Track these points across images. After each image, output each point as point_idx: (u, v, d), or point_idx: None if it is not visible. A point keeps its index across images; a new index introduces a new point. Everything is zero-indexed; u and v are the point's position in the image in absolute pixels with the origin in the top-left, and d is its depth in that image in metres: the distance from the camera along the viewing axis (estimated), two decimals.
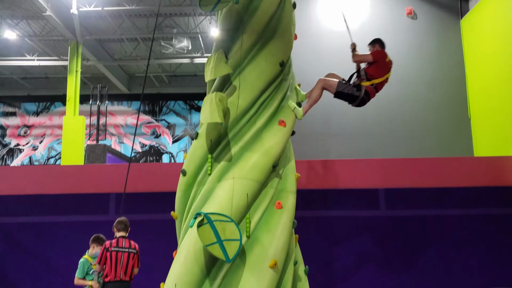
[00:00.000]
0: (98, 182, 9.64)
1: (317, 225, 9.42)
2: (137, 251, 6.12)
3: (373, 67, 6.19)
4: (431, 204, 9.60)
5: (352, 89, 6.10)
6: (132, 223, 9.23)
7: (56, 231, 9.29)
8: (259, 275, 4.95)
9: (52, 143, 23.15)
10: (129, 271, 5.93)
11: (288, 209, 5.43)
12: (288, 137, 5.62)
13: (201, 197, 5.37)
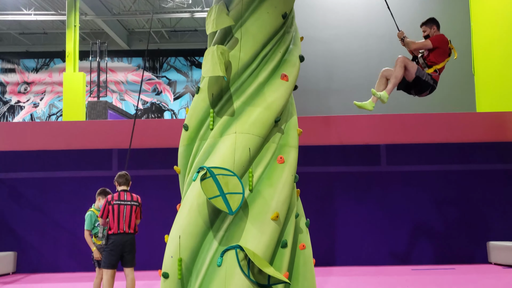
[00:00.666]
0: (100, 138, 9.67)
1: (319, 180, 9.52)
2: (139, 203, 6.19)
3: (433, 53, 5.73)
4: (433, 160, 9.65)
5: (428, 76, 5.67)
6: (136, 179, 9.36)
7: (60, 187, 9.42)
8: (261, 227, 5.04)
9: (52, 100, 23.06)
10: (132, 224, 6.00)
11: (290, 164, 5.45)
12: (291, 92, 5.56)
13: (204, 152, 5.38)
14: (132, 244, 5.98)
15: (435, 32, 5.88)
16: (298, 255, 5.38)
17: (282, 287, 5.03)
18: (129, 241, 5.94)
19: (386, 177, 9.53)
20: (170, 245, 5.26)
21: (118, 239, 5.81)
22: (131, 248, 5.95)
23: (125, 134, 9.60)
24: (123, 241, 5.87)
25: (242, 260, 4.84)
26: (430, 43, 5.72)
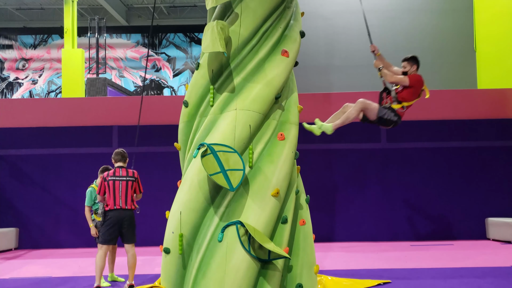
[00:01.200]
0: (100, 115, 9.64)
1: (319, 158, 9.54)
2: (136, 178, 6.08)
3: (407, 91, 5.76)
4: (433, 137, 9.65)
5: (390, 114, 5.75)
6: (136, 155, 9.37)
7: (60, 164, 9.44)
8: (262, 203, 5.07)
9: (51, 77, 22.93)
10: (129, 200, 5.85)
11: (290, 141, 5.45)
12: (291, 68, 5.52)
13: (204, 128, 5.38)
14: (130, 220, 5.81)
15: (414, 71, 5.93)
16: (298, 231, 5.43)
17: (282, 262, 5.10)
18: (127, 217, 5.78)
19: (386, 154, 9.54)
20: (171, 221, 5.30)
21: (115, 215, 5.72)
22: (129, 224, 5.77)
23: (125, 111, 9.58)
24: (120, 217, 5.76)
25: (243, 236, 4.89)
26: (408, 81, 5.75)
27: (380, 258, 7.67)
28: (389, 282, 5.94)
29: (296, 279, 5.22)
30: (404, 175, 9.49)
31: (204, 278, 4.87)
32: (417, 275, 6.30)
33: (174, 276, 5.19)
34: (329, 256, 7.90)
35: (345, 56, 13.55)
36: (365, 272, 6.59)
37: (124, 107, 9.65)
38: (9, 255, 8.57)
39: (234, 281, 4.78)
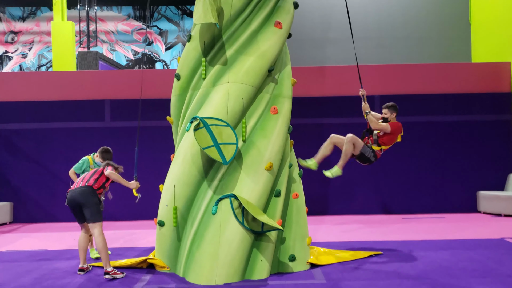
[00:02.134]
0: (93, 89, 9.54)
1: (313, 132, 9.54)
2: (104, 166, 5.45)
3: (387, 137, 6.29)
4: (426, 110, 9.66)
5: (371, 154, 6.32)
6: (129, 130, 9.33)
7: (54, 138, 9.39)
8: (255, 177, 5.09)
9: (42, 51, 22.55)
10: (85, 180, 5.26)
11: (283, 114, 5.44)
12: (285, 40, 5.46)
13: (196, 102, 5.35)
14: (81, 197, 5.16)
15: (393, 118, 6.41)
16: (291, 204, 5.48)
17: (276, 234, 5.16)
18: (78, 196, 5.16)
19: None
20: (165, 195, 5.33)
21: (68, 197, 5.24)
22: (83, 202, 5.14)
23: (117, 85, 9.49)
24: (71, 197, 5.21)
25: (237, 209, 4.93)
26: (390, 129, 6.23)
27: (372, 230, 7.77)
28: (380, 253, 6.04)
29: (289, 250, 5.30)
30: (397, 148, 9.51)
31: (198, 250, 4.93)
32: (408, 247, 6.39)
33: (168, 248, 5.25)
34: (322, 229, 8.00)
35: (341, 28, 13.40)
36: (357, 244, 6.69)
37: (116, 81, 9.55)
38: (4, 229, 8.60)
39: (228, 253, 4.84)
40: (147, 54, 22.71)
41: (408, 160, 9.57)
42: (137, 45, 22.75)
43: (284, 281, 4.88)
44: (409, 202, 9.58)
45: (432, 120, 9.68)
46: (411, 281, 4.76)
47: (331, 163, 6.45)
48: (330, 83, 9.70)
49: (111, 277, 5.07)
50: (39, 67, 22.27)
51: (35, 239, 7.58)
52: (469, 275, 4.96)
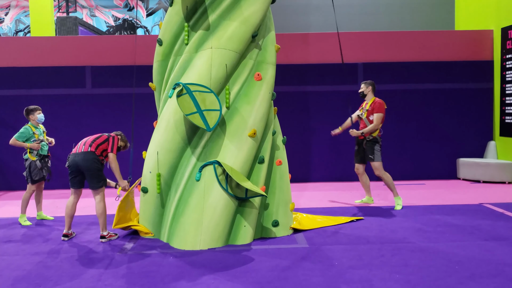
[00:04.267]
0: (73, 55, 9.32)
1: (296, 99, 9.53)
2: (109, 135, 5.45)
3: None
4: (408, 78, 9.70)
5: (380, 149, 7.06)
6: (111, 97, 9.19)
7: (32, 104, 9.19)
8: (239, 144, 5.10)
9: (19, 16, 21.87)
10: (87, 145, 5.24)
11: (267, 81, 5.41)
12: (268, 5, 5.37)
13: (179, 68, 5.27)
14: (84, 163, 5.18)
15: (370, 91, 7.18)
16: (274, 170, 5.52)
17: (259, 200, 5.21)
18: (80, 161, 5.18)
19: None
20: (148, 161, 5.31)
21: (69, 161, 5.25)
22: (86, 168, 5.17)
23: (98, 51, 9.27)
24: (73, 161, 5.23)
25: (220, 175, 4.95)
26: (381, 117, 6.94)
27: (353, 197, 7.90)
28: (362, 219, 6.16)
29: (272, 216, 5.37)
30: None
31: (182, 216, 4.97)
32: (389, 213, 6.53)
33: (152, 215, 5.28)
34: (304, 195, 8.11)
35: None
36: (339, 209, 6.81)
37: (97, 47, 9.33)
38: None
39: (212, 218, 4.89)
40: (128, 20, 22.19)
41: (389, 127, 9.66)
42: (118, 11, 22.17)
43: (268, 245, 4.96)
44: (389, 169, 9.69)
45: (414, 88, 9.74)
46: (391, 245, 4.89)
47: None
48: (313, 50, 9.64)
49: (107, 240, 5.22)
50: (17, 33, 21.61)
51: (16, 207, 7.52)
52: (447, 239, 5.11)
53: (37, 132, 6.32)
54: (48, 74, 9.20)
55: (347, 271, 4.11)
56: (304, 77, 9.57)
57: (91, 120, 9.13)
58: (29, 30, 21.53)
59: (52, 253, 4.85)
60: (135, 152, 7.82)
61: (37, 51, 9.29)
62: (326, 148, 9.60)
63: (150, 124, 6.14)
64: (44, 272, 4.24)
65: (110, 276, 4.07)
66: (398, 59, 9.70)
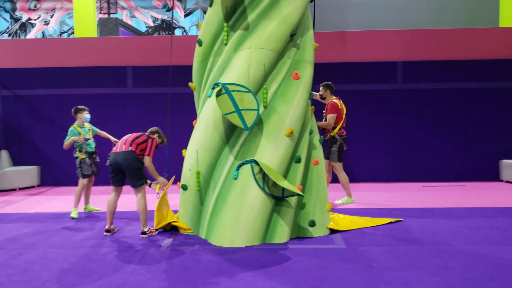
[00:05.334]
0: (115, 55, 9.59)
1: None
2: (148, 135, 5.57)
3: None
4: (450, 77, 9.47)
5: (337, 149, 7.20)
6: (151, 97, 9.40)
7: (77, 104, 9.52)
8: (276, 143, 5.13)
9: (63, 17, 22.64)
10: (127, 144, 5.38)
11: (305, 80, 5.41)
12: (307, 3, 5.37)
13: (218, 68, 5.35)
14: (125, 161, 5.32)
15: (328, 94, 7.48)
16: (311, 170, 5.52)
17: (296, 199, 5.23)
18: (122, 160, 5.32)
19: (402, 95, 9.42)
20: (188, 159, 5.42)
21: (110, 159, 5.40)
22: (126, 168, 5.33)
23: (138, 51, 9.51)
24: (114, 160, 5.38)
25: (257, 174, 5.00)
26: (334, 116, 7.18)
27: (391, 198, 7.79)
28: (400, 220, 6.07)
29: (309, 215, 5.37)
30: (420, 116, 9.42)
31: (220, 213, 5.04)
32: (428, 214, 6.41)
33: (191, 211, 5.38)
34: (341, 196, 8.05)
35: None
36: (376, 211, 6.73)
37: (137, 48, 9.57)
38: (33, 192, 8.90)
39: (249, 216, 4.94)
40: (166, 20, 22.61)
41: (429, 127, 9.47)
42: (156, 11, 22.62)
43: (304, 245, 4.97)
44: (429, 170, 9.53)
45: (455, 87, 9.51)
46: (431, 247, 4.80)
47: None
48: (351, 48, 9.55)
49: (147, 236, 5.39)
50: (61, 34, 22.40)
51: (61, 201, 7.83)
52: (489, 242, 4.97)
53: (82, 131, 6.69)
54: (91, 73, 9.51)
55: (386, 272, 4.07)
56: (341, 76, 9.49)
57: (132, 118, 9.38)
58: (73, 31, 22.27)
59: (95, 247, 5.03)
60: (174, 150, 7.98)
61: (81, 52, 9.61)
62: (364, 148, 9.50)
63: (189, 123, 6.26)
64: (89, 265, 4.40)
65: (151, 271, 4.19)
66: (439, 58, 9.48)
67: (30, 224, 6.16)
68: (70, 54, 9.61)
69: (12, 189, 9.02)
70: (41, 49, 9.65)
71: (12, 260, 4.60)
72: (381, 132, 9.49)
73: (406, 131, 9.44)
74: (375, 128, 9.48)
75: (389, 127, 9.48)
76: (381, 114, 9.48)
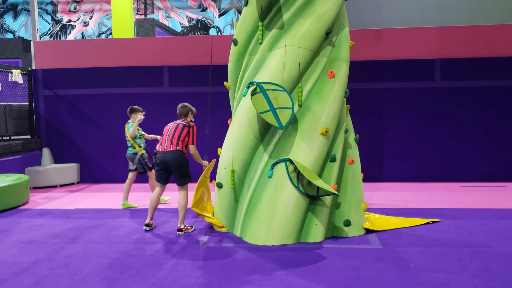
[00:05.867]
0: (151, 55, 9.78)
1: (369, 97, 9.35)
2: (188, 124, 5.71)
3: None
4: (489, 75, 9.18)
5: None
6: (186, 95, 9.53)
7: (115, 103, 9.77)
8: (311, 142, 5.11)
9: (101, 19, 23.24)
10: (174, 141, 5.54)
11: (340, 78, 5.37)
12: (343, 1, 5.33)
13: (253, 66, 5.38)
14: (173, 161, 5.51)
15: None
16: (346, 169, 5.48)
17: (331, 198, 5.20)
18: (171, 159, 5.51)
19: (440, 93, 9.20)
20: (223, 158, 5.47)
21: (160, 158, 5.57)
22: (174, 167, 5.52)
23: (175, 51, 9.66)
24: (163, 159, 5.55)
25: (292, 173, 5.00)
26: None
27: (428, 198, 7.63)
28: (438, 221, 5.94)
29: (344, 215, 5.33)
30: (458, 115, 9.18)
31: (255, 212, 5.07)
32: (467, 215, 6.25)
33: (226, 209, 5.44)
34: (377, 195, 7.94)
35: None
36: (412, 211, 6.61)
37: (174, 48, 9.72)
38: (73, 188, 9.19)
39: (284, 215, 4.95)
40: (201, 20, 22.86)
41: (469, 126, 9.21)
42: (191, 11, 22.90)
43: (339, 245, 4.94)
44: (467, 170, 9.27)
45: (494, 85, 9.20)
46: (470, 249, 4.69)
47: None
48: (387, 46, 9.39)
49: (183, 233, 5.52)
50: (99, 35, 23.01)
51: (100, 198, 8.05)
52: None
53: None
54: (129, 73, 9.72)
55: (423, 273, 4.00)
56: (376, 74, 9.36)
57: (168, 117, 9.49)
58: (111, 32, 22.83)
59: (133, 242, 5.15)
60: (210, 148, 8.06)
61: (118, 52, 9.84)
62: (399, 147, 9.34)
63: (224, 122, 6.32)
64: (127, 260, 4.52)
65: (188, 267, 4.26)
66: (479, 55, 9.20)
67: (71, 220, 6.37)
68: (108, 54, 9.86)
69: (53, 186, 9.34)
70: (80, 50, 9.94)
71: (54, 254, 4.77)
72: (418, 130, 9.29)
73: (444, 129, 9.21)
74: (412, 126, 9.29)
75: (426, 125, 9.27)
76: (418, 112, 9.28)
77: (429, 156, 9.30)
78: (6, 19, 23.42)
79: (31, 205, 7.51)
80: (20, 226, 6.09)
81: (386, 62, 9.32)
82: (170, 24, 22.91)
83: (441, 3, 13.31)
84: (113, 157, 9.82)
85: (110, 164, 9.85)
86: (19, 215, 6.75)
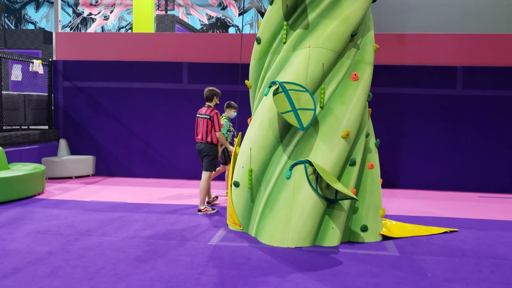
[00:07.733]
0: (171, 51, 9.77)
1: (389, 102, 9.23)
2: (210, 117, 6.38)
3: None
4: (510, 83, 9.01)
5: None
6: None
7: (133, 97, 9.79)
8: (331, 144, 5.05)
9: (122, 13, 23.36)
10: (203, 134, 6.41)
11: (364, 81, 5.30)
12: (369, 3, 5.25)
13: (276, 66, 5.33)
14: (203, 151, 6.43)
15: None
16: (366, 174, 5.40)
17: (349, 202, 5.12)
18: (202, 149, 6.43)
19: (461, 101, 9.05)
20: (241, 157, 5.43)
21: (196, 146, 6.58)
22: (204, 155, 6.42)
23: (195, 47, 9.65)
24: (198, 148, 6.51)
25: (311, 175, 4.93)
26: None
27: (446, 207, 7.50)
28: (456, 230, 5.83)
29: (361, 220, 5.26)
30: (478, 124, 9.02)
31: (271, 212, 5.02)
32: (486, 226, 6.13)
33: (242, 208, 5.39)
34: (393, 202, 7.84)
35: None
36: (430, 219, 6.50)
37: (194, 45, 9.71)
38: (88, 180, 9.22)
39: (300, 217, 4.89)
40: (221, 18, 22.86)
41: (488, 135, 9.05)
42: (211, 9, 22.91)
43: (356, 250, 4.87)
44: (486, 180, 9.10)
45: None
46: (490, 260, 4.58)
47: None
48: (409, 51, 9.27)
49: (202, 213, 6.31)
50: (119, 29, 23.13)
51: (115, 191, 8.06)
52: None
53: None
54: (148, 68, 9.73)
55: (442, 283, 3.91)
56: (398, 79, 9.24)
57: (186, 113, 9.49)
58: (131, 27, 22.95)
59: (147, 238, 5.13)
60: None
61: (138, 47, 9.86)
62: (417, 153, 9.21)
63: (244, 121, 6.28)
64: (142, 255, 4.50)
65: (202, 265, 4.22)
66: (501, 63, 9.04)
67: (86, 212, 6.38)
68: (128, 48, 9.88)
69: (69, 177, 9.39)
70: (101, 43, 9.98)
71: (69, 246, 4.78)
72: (438, 138, 9.16)
73: (464, 138, 9.06)
74: (431, 133, 9.16)
75: (446, 133, 9.13)
76: (438, 119, 9.15)
77: (447, 164, 9.16)
78: (28, 10, 23.68)
79: (47, 195, 7.55)
80: (36, 215, 6.11)
81: (407, 68, 9.20)
82: (189, 21, 22.97)
83: (465, 11, 13.12)
84: (129, 151, 9.84)
85: (126, 158, 9.87)
86: (35, 205, 6.78)
